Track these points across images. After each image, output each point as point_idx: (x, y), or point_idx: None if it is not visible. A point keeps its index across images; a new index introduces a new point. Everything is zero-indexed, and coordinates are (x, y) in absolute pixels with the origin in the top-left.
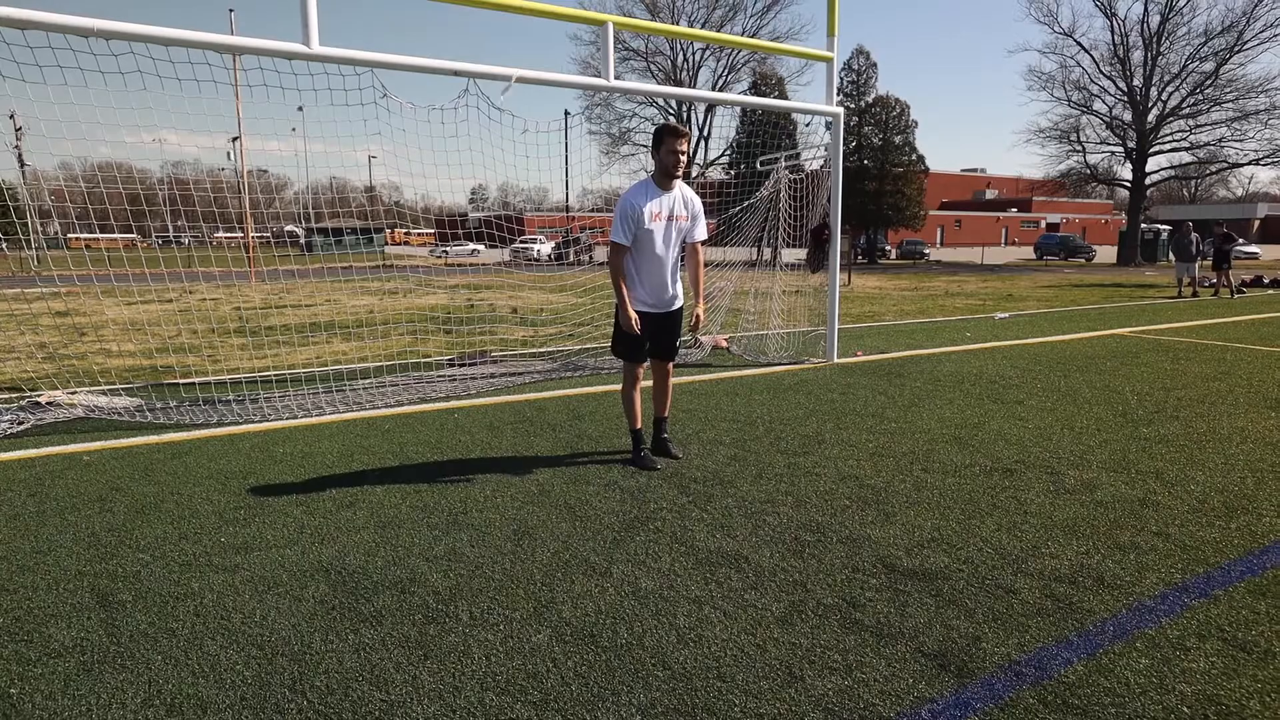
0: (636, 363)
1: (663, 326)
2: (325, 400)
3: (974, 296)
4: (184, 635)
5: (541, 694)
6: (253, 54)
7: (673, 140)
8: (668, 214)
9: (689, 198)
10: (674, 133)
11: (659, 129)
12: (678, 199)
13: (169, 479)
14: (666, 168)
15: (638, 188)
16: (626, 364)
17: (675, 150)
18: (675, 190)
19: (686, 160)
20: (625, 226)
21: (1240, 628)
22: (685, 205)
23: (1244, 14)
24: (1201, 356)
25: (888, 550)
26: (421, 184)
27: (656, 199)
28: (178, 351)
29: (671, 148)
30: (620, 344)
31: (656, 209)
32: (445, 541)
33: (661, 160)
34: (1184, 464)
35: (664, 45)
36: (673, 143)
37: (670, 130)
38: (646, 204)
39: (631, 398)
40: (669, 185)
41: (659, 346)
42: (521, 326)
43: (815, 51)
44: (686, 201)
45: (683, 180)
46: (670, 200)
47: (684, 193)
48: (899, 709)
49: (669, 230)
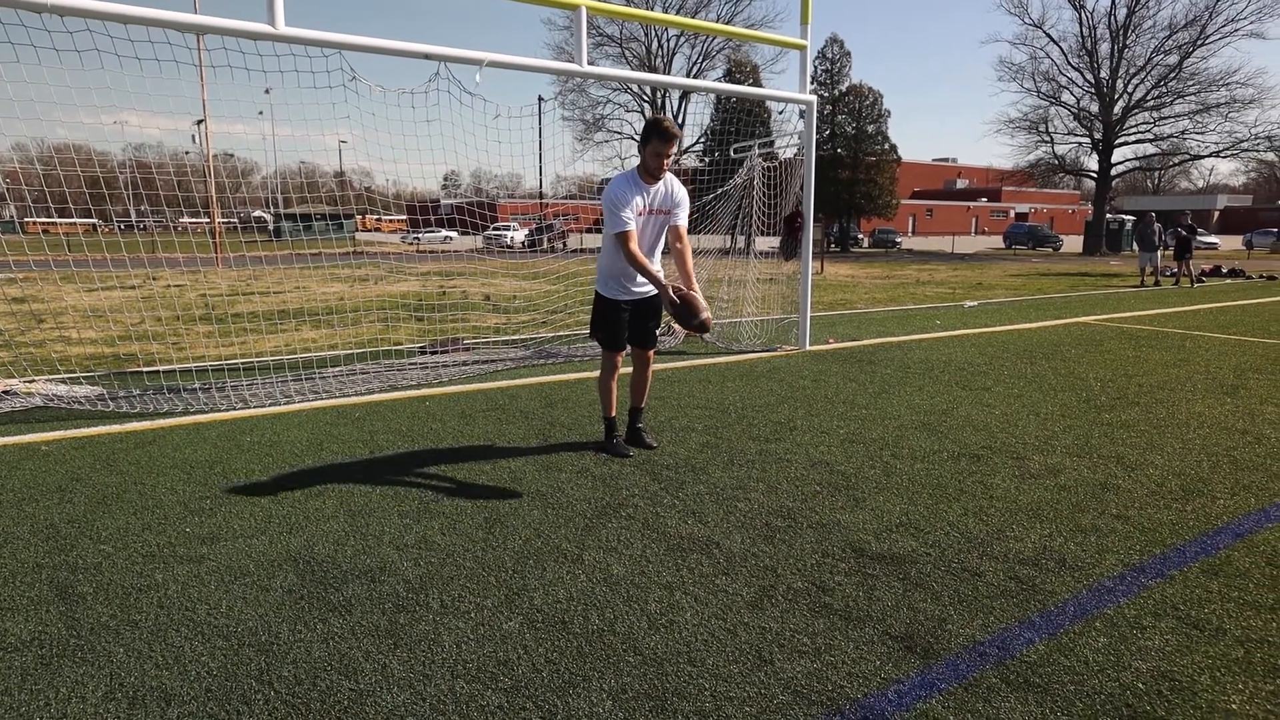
0: (616, 350)
1: (641, 313)
2: (294, 388)
3: (944, 285)
4: (147, 627)
5: (512, 681)
6: (216, 34)
7: (660, 143)
8: (652, 208)
9: (673, 189)
10: (663, 136)
11: (649, 124)
12: (661, 192)
13: (132, 469)
14: (650, 169)
15: (622, 180)
16: (606, 352)
17: (660, 154)
18: (659, 184)
19: (670, 163)
20: (622, 212)
21: (1194, 606)
22: (669, 198)
23: (1206, 8)
24: (1162, 344)
25: (857, 535)
26: (392, 169)
27: (641, 193)
28: (141, 339)
29: (657, 150)
30: (601, 329)
31: (641, 204)
32: (416, 530)
33: (646, 159)
34: (1144, 449)
35: (639, 31)
36: (659, 145)
37: (660, 131)
38: (632, 198)
39: (609, 385)
40: (653, 181)
41: (638, 333)
42: (494, 314)
43: (789, 39)
44: (671, 193)
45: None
46: (653, 193)
47: (669, 185)
48: (866, 690)
49: (650, 223)
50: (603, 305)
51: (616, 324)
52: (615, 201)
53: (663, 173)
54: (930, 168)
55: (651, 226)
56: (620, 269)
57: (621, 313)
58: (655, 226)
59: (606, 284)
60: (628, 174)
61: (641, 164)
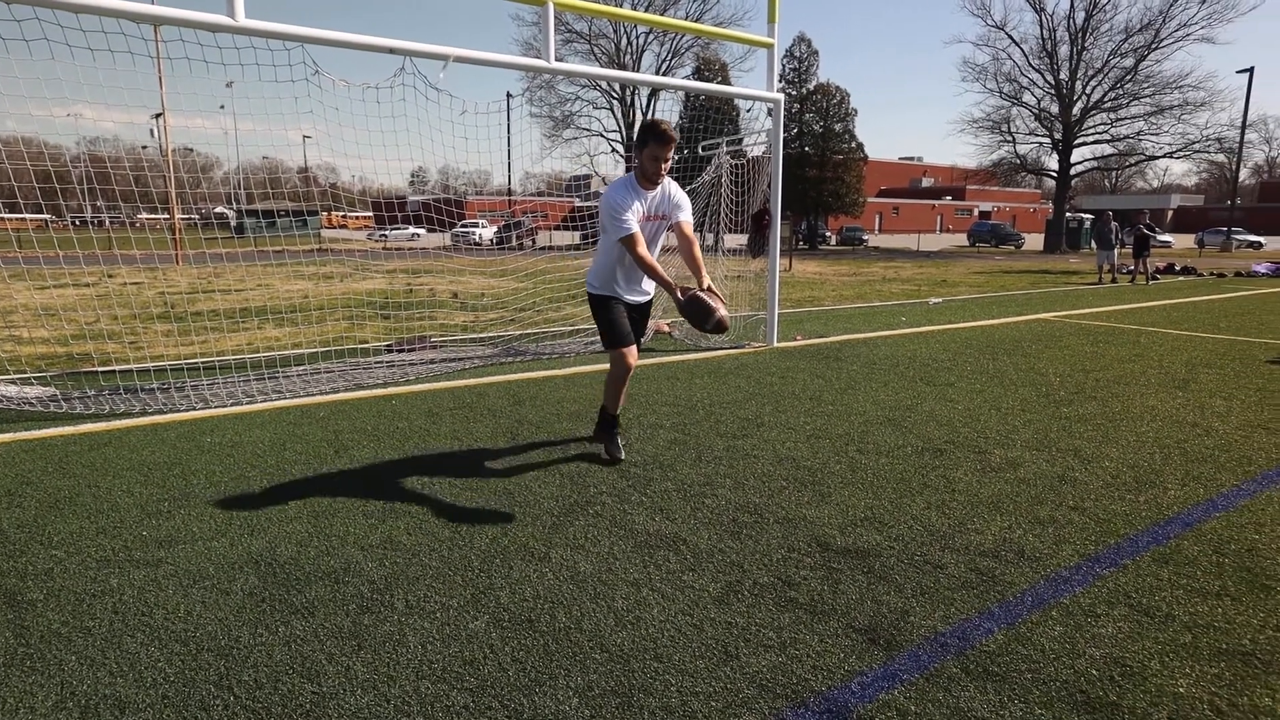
0: (624, 344)
1: (632, 319)
2: (256, 388)
3: (910, 282)
4: (101, 634)
5: (478, 680)
6: (172, 24)
7: (657, 147)
8: (650, 214)
9: (671, 194)
10: (659, 138)
11: (645, 127)
12: (659, 197)
13: (86, 471)
14: (647, 173)
15: (619, 186)
16: (616, 351)
17: (658, 158)
18: (658, 189)
19: (668, 168)
20: (623, 216)
21: (1145, 594)
22: (667, 203)
23: (1160, 13)
24: (1118, 340)
25: (823, 529)
26: (358, 165)
27: (639, 199)
28: (96, 338)
29: (654, 154)
30: (603, 327)
31: (640, 209)
32: (381, 530)
33: (643, 164)
34: (1100, 442)
35: (608, 28)
36: (656, 149)
37: (656, 134)
38: (631, 202)
39: (623, 382)
40: (651, 186)
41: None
42: (462, 311)
43: (756, 37)
44: (669, 198)
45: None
46: (651, 199)
47: (667, 190)
48: (830, 683)
49: (647, 230)
50: (599, 303)
51: (618, 318)
52: (614, 206)
53: (660, 178)
54: (896, 166)
55: (648, 233)
56: (614, 275)
57: (619, 307)
58: (651, 233)
59: (599, 284)
60: (624, 179)
61: (639, 169)
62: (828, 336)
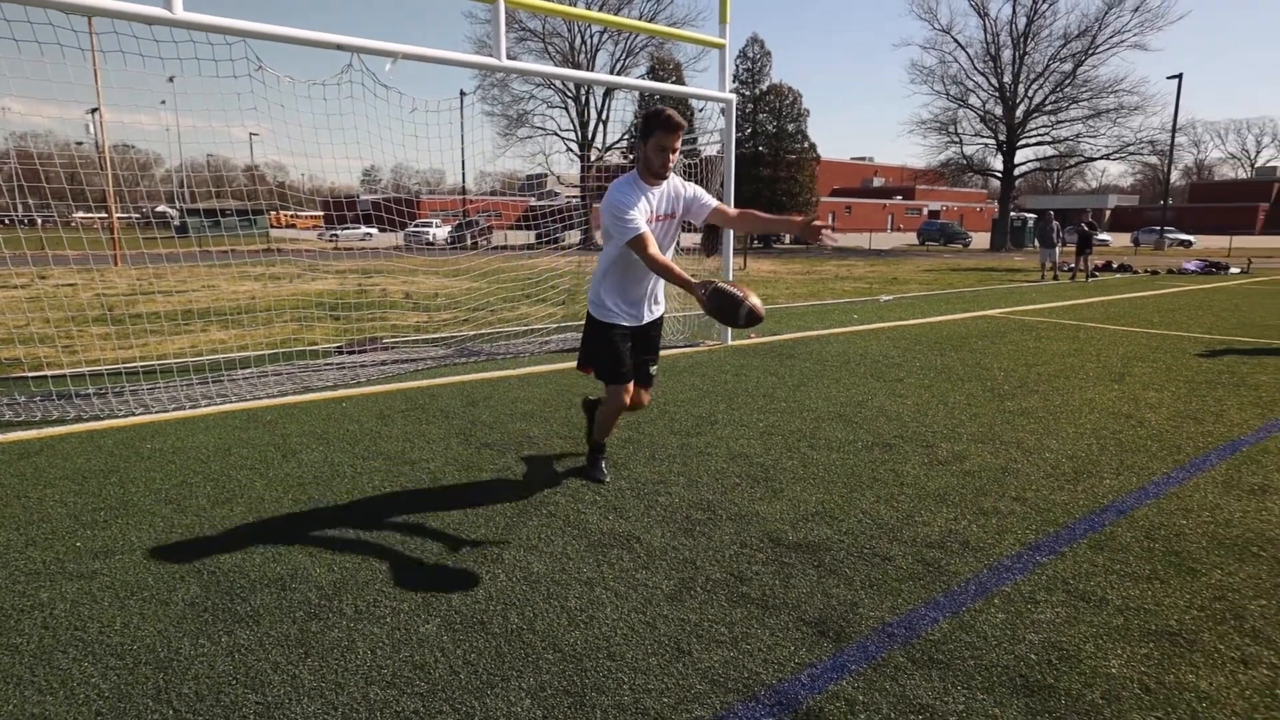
0: (621, 381)
1: (639, 344)
2: (200, 392)
3: (861, 280)
4: (29, 650)
5: (429, 684)
6: (105, 16)
7: (664, 135)
8: (658, 213)
9: (679, 188)
10: (666, 125)
11: (650, 115)
12: (667, 194)
13: (14, 481)
14: (653, 167)
15: (622, 184)
16: (612, 386)
17: (665, 148)
18: (664, 186)
19: (676, 159)
20: (628, 215)
21: (1081, 579)
22: (677, 199)
23: (1096, 20)
24: (1059, 335)
25: (774, 525)
26: (305, 164)
27: (644, 198)
28: (26, 342)
29: (660, 144)
30: (596, 360)
31: (647, 208)
32: (329, 534)
33: (648, 156)
34: (1041, 434)
35: (562, 27)
36: (663, 138)
37: (662, 121)
38: (637, 200)
39: (616, 417)
40: (657, 182)
41: (634, 367)
42: (415, 312)
43: (708, 38)
44: (678, 194)
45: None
46: (658, 198)
47: (674, 185)
48: (780, 675)
49: (658, 230)
50: (596, 330)
51: (615, 350)
52: (618, 206)
53: (668, 171)
54: (848, 166)
55: (660, 235)
56: (615, 293)
57: (620, 337)
58: (663, 234)
59: (601, 305)
60: (627, 177)
61: (643, 163)
62: (781, 334)
